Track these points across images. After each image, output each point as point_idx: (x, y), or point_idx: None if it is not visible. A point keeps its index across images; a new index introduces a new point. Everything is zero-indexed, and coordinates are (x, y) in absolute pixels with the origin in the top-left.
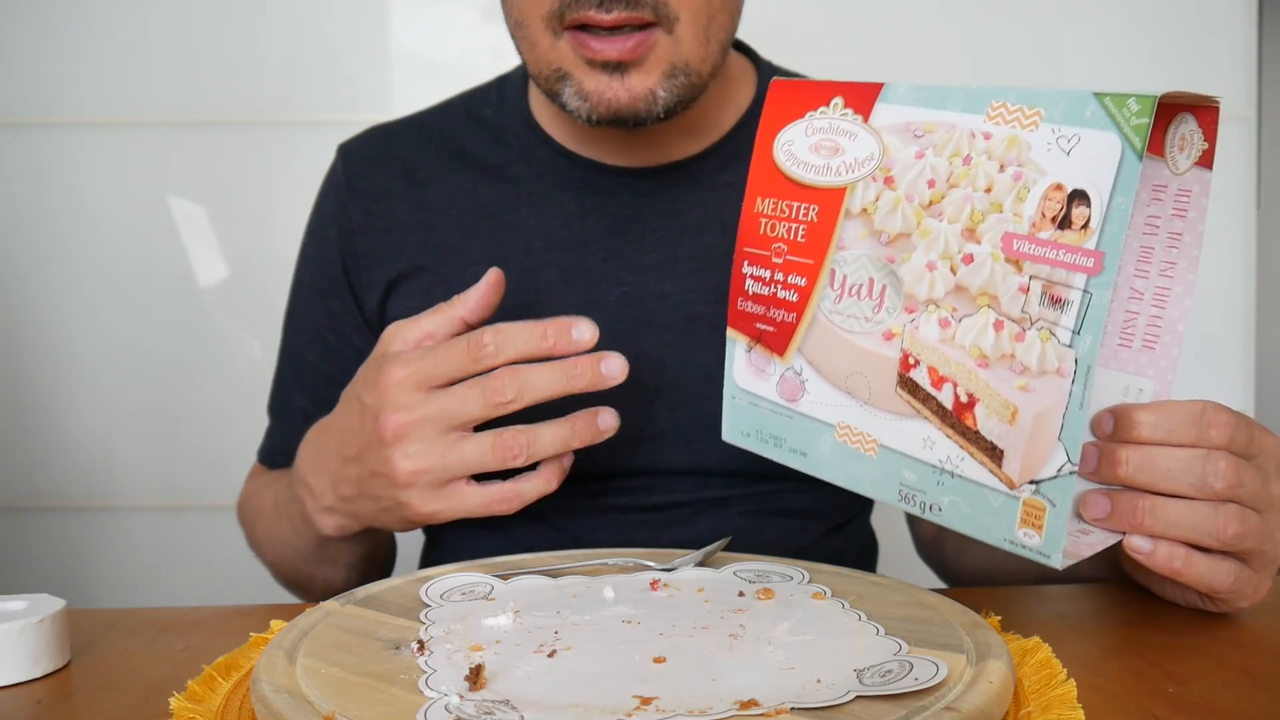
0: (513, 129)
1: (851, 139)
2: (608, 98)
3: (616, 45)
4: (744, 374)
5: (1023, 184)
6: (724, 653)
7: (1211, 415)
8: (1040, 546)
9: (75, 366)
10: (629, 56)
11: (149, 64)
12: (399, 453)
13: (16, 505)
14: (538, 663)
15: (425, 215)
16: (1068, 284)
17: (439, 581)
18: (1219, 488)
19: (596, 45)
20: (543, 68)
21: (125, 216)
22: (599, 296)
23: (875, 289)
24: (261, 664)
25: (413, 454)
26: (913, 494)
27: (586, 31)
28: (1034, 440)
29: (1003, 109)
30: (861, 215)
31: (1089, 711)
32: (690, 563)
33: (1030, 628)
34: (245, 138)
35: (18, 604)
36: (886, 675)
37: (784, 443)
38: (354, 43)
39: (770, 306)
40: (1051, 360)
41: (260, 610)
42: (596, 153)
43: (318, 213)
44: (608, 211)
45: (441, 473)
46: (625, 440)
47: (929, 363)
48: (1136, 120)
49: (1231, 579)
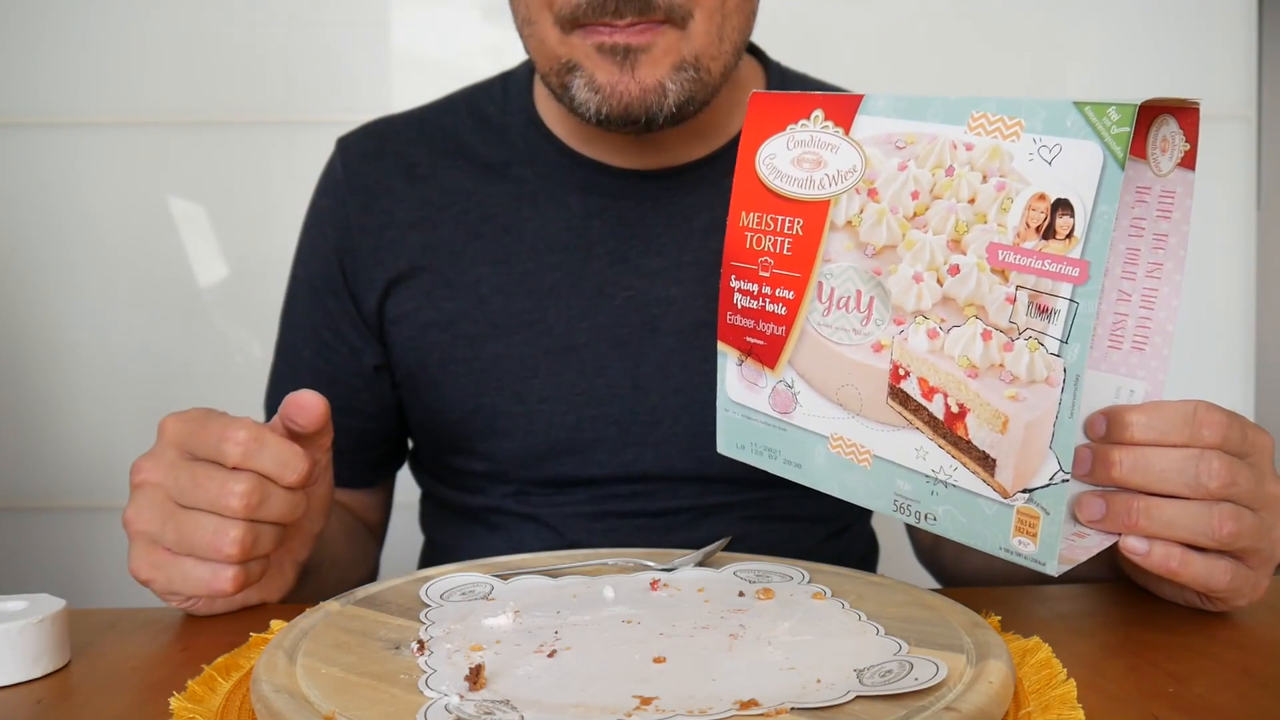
0: (517, 127)
1: (833, 151)
2: (619, 90)
3: (626, 31)
4: (736, 388)
5: (1006, 194)
6: (724, 653)
7: (1204, 415)
8: (1036, 554)
9: (75, 366)
10: (637, 40)
11: (149, 64)
12: (131, 499)
13: (16, 505)
14: (538, 663)
15: (425, 213)
16: (1054, 293)
17: (439, 581)
18: (1213, 487)
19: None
20: (551, 62)
21: (125, 216)
22: (604, 300)
23: (863, 301)
24: (261, 664)
25: (140, 507)
26: (907, 504)
27: None
28: (1025, 449)
29: (983, 119)
30: (846, 228)
31: (1089, 711)
32: (690, 563)
33: (1030, 628)
34: (245, 138)
35: (18, 604)
36: (886, 675)
37: (778, 455)
38: (354, 43)
39: (759, 320)
40: (1040, 369)
41: (260, 610)
42: (603, 154)
43: (315, 209)
44: (614, 214)
45: (158, 538)
46: (629, 445)
47: (919, 374)
48: (1117, 129)
49: (1228, 578)
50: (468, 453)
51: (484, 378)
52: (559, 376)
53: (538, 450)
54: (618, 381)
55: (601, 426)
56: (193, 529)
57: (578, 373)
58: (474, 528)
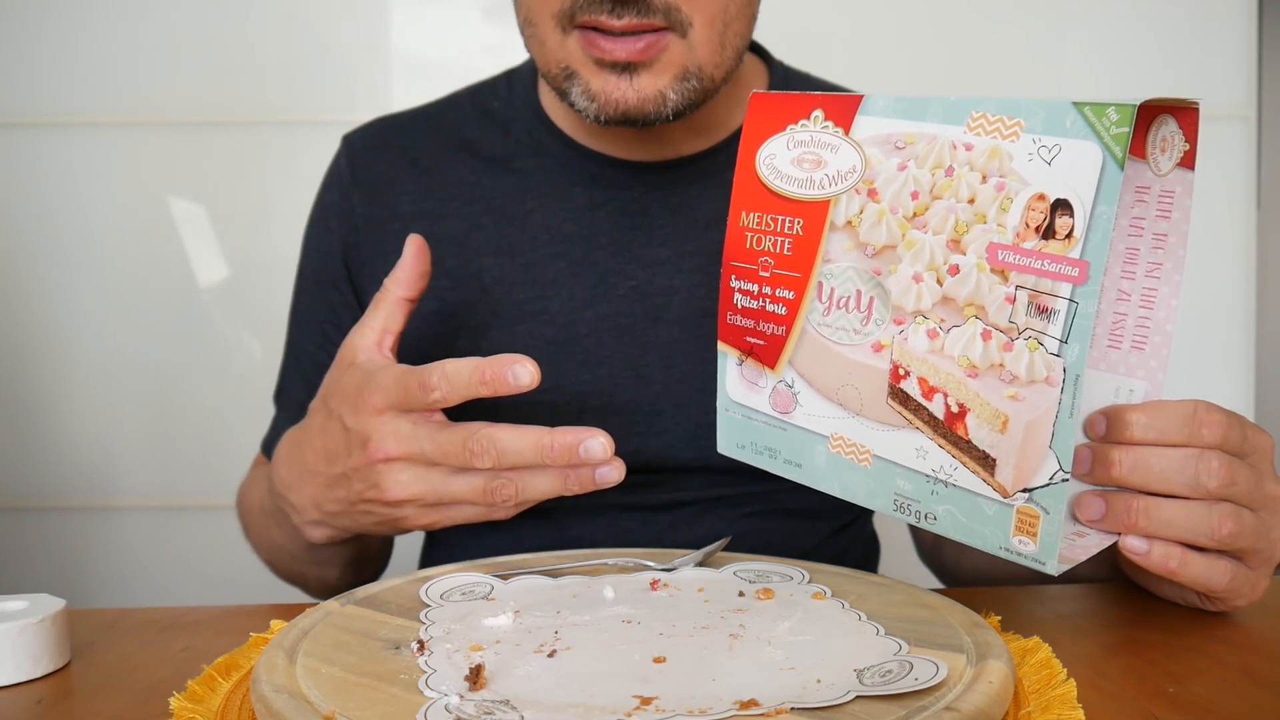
0: (521, 121)
1: (833, 151)
2: (615, 98)
3: (626, 46)
4: (736, 387)
5: (1005, 194)
6: (724, 653)
7: (1203, 414)
8: (1036, 554)
9: (75, 366)
10: (638, 58)
11: (149, 64)
12: (390, 479)
13: (16, 505)
14: (538, 663)
15: (429, 205)
16: (1053, 293)
17: (439, 581)
18: (1212, 487)
19: (606, 45)
20: (551, 66)
21: (125, 216)
22: (607, 290)
23: (863, 301)
24: (261, 664)
25: (404, 481)
26: (908, 503)
27: (596, 31)
28: (1025, 449)
29: (983, 120)
30: (846, 228)
31: (1089, 711)
32: (690, 563)
33: (1030, 628)
34: (245, 138)
35: (18, 604)
36: (886, 675)
37: (779, 454)
38: (354, 43)
39: (759, 320)
40: (1040, 369)
41: (260, 610)
42: (606, 146)
43: (319, 204)
44: (617, 205)
45: (435, 498)
46: (633, 436)
47: (919, 373)
48: (1116, 129)
49: (1228, 578)
50: None
51: None
52: (561, 366)
53: None
54: (621, 372)
55: (604, 417)
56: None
57: (581, 363)
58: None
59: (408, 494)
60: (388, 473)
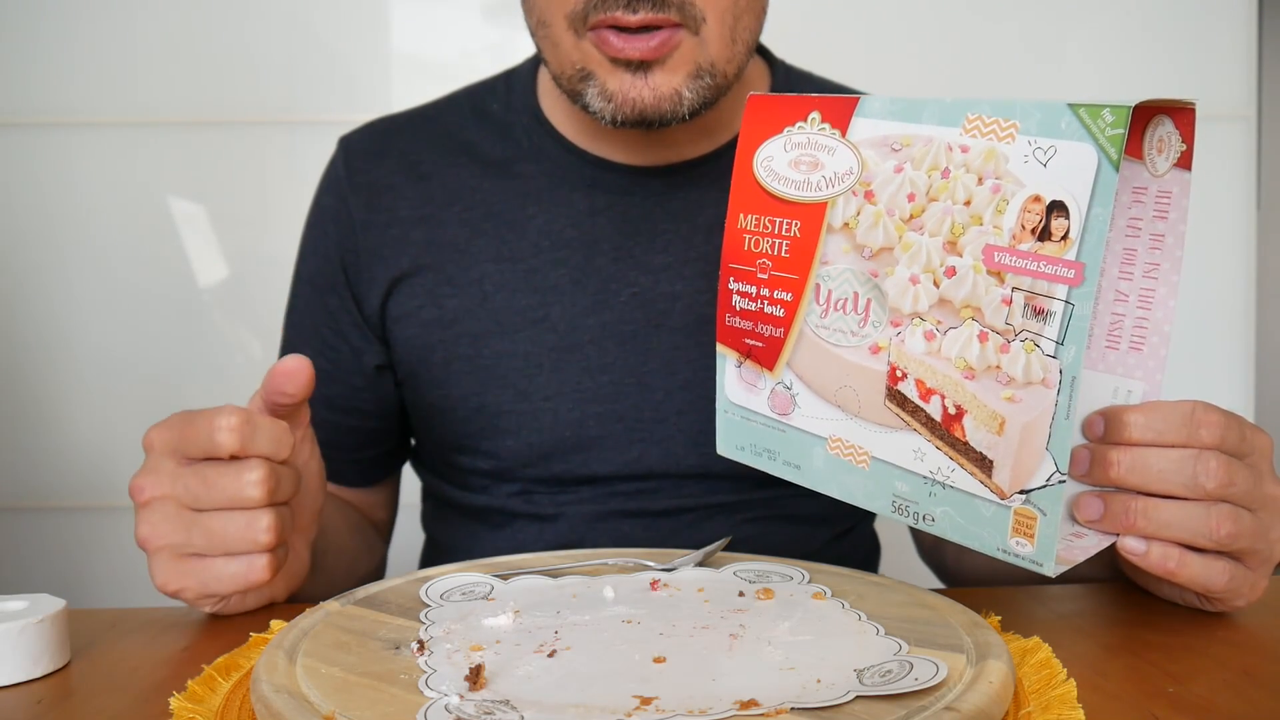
0: (521, 125)
1: (830, 154)
2: (632, 97)
3: (640, 44)
4: (735, 389)
5: (1001, 196)
6: (724, 653)
7: (1202, 415)
8: (1033, 555)
9: (75, 366)
10: (652, 55)
11: (148, 64)
12: (142, 518)
13: (16, 505)
14: (538, 663)
15: (428, 210)
16: (1049, 295)
17: (439, 581)
18: (1210, 487)
19: (619, 44)
20: (565, 67)
21: (125, 216)
22: (608, 297)
23: (860, 303)
24: (261, 664)
25: (154, 522)
26: (906, 505)
27: (610, 30)
28: (1022, 450)
29: (979, 121)
30: (843, 230)
31: (1089, 711)
32: (690, 563)
33: (1030, 628)
34: (245, 138)
35: (18, 604)
36: (886, 675)
37: (778, 456)
38: (354, 43)
39: (758, 322)
40: (1036, 371)
41: (260, 610)
42: (607, 151)
43: (317, 208)
44: (619, 211)
45: (183, 547)
46: (635, 442)
47: (916, 375)
48: (1111, 131)
49: (1226, 578)
50: (471, 451)
51: (488, 375)
52: (563, 373)
53: (542, 448)
54: (622, 378)
55: (606, 423)
56: (221, 528)
57: (582, 369)
58: (476, 526)
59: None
60: (141, 511)
